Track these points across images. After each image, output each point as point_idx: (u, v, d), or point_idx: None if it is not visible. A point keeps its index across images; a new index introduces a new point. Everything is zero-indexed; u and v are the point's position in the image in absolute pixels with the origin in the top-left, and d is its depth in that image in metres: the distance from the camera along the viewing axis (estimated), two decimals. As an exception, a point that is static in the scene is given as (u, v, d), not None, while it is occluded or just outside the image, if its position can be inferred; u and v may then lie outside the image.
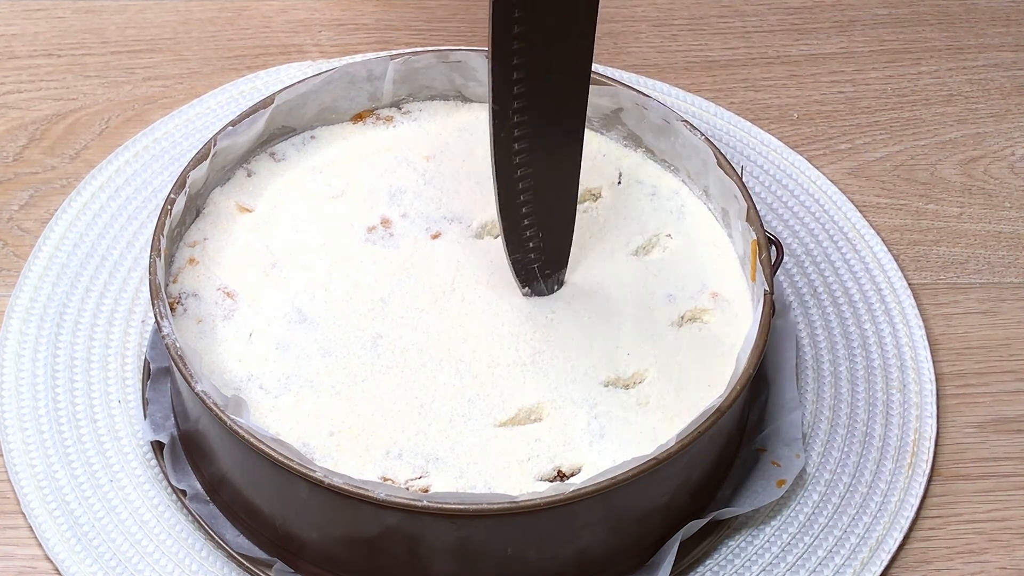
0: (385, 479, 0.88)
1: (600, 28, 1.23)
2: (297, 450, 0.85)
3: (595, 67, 1.14)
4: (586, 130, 1.04)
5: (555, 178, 0.94)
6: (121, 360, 1.02)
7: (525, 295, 0.97)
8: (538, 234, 0.95)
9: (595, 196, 1.02)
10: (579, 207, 1.01)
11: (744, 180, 1.01)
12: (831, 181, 1.14)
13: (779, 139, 1.16)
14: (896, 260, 1.09)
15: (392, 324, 0.95)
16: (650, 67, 1.21)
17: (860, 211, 1.12)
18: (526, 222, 0.94)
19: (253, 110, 1.00)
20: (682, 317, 0.96)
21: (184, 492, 0.95)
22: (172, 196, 0.94)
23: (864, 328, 1.06)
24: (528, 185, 0.92)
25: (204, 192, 0.99)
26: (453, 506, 0.84)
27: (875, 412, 1.02)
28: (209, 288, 0.96)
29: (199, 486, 0.95)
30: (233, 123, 0.99)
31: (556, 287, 0.97)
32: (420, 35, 1.22)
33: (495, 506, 0.84)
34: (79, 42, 1.20)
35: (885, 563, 0.95)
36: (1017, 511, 0.99)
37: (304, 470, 0.84)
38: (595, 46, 1.21)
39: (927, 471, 0.99)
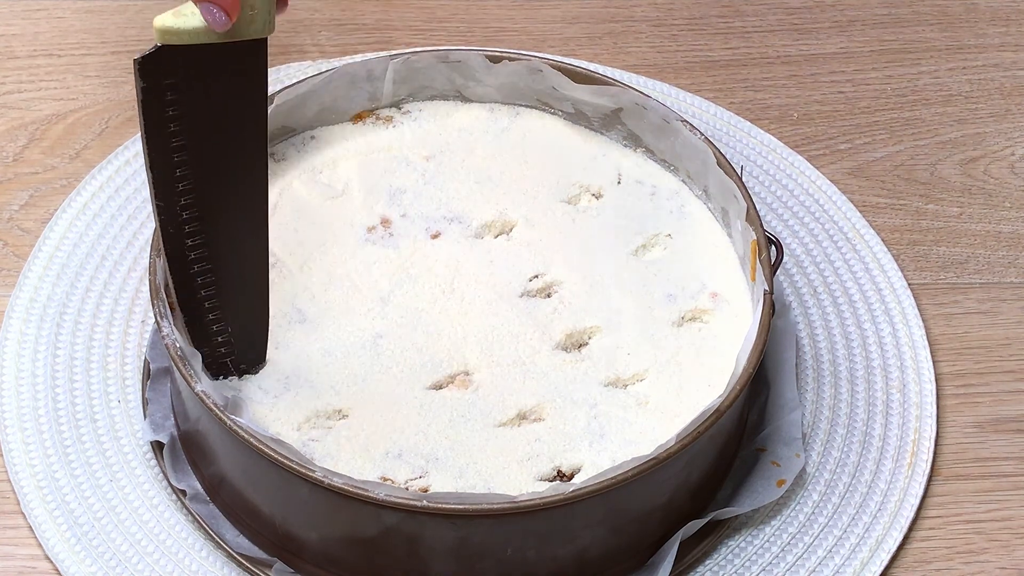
0: (385, 479, 0.88)
1: (600, 28, 1.24)
2: (297, 450, 0.85)
3: (595, 67, 1.15)
4: (587, 130, 1.05)
5: (239, 267, 0.88)
6: (121, 360, 1.02)
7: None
8: (226, 328, 0.90)
9: (595, 196, 1.02)
10: (579, 207, 1.01)
11: (744, 180, 1.01)
12: (831, 181, 1.14)
13: (779, 139, 1.16)
14: (896, 260, 1.09)
15: (392, 324, 0.94)
16: (650, 67, 1.21)
17: (860, 211, 1.12)
18: (211, 316, 0.89)
19: (253, 110, 1.00)
20: (682, 317, 0.96)
21: (184, 492, 0.95)
22: (172, 196, 0.95)
23: (864, 328, 1.06)
24: (209, 280, 0.88)
25: (204, 192, 0.99)
26: (453, 506, 0.84)
27: (875, 412, 1.02)
28: (209, 288, 0.96)
29: (199, 486, 0.95)
30: (233, 123, 0.99)
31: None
32: (420, 35, 1.22)
33: (495, 506, 0.84)
34: (79, 42, 1.20)
35: (885, 563, 0.95)
36: (1017, 511, 0.99)
37: (304, 470, 0.84)
38: (588, 47, 1.22)
39: (927, 471, 0.99)
